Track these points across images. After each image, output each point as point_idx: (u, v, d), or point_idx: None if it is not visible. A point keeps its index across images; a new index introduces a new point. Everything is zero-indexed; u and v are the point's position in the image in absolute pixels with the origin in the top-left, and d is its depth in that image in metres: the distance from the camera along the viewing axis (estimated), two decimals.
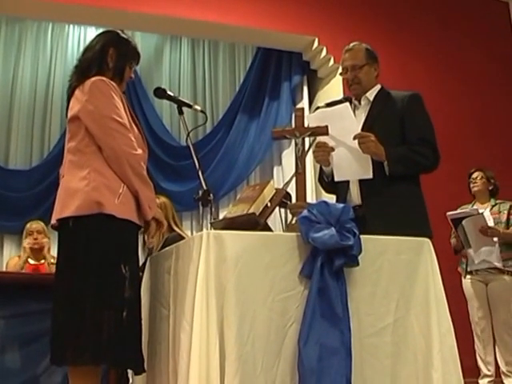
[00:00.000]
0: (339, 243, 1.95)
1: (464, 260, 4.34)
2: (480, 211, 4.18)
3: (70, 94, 2.29)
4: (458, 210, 4.20)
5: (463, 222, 4.07)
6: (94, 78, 2.22)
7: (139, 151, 2.22)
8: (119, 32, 2.41)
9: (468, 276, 4.31)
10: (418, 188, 2.69)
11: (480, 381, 4.16)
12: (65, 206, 2.14)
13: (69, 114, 2.26)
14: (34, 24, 5.55)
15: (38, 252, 4.33)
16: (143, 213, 2.21)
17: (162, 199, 3.73)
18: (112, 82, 2.24)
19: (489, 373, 4.15)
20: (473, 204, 4.40)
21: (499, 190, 4.42)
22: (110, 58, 2.31)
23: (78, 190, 2.12)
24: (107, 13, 4.86)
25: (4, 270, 4.45)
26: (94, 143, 2.18)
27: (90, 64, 2.28)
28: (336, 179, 2.66)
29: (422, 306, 2.13)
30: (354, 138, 2.51)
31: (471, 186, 4.45)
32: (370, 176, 2.54)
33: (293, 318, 1.95)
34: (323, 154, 2.62)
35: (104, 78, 2.23)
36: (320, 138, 2.57)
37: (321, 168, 2.84)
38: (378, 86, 2.78)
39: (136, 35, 5.78)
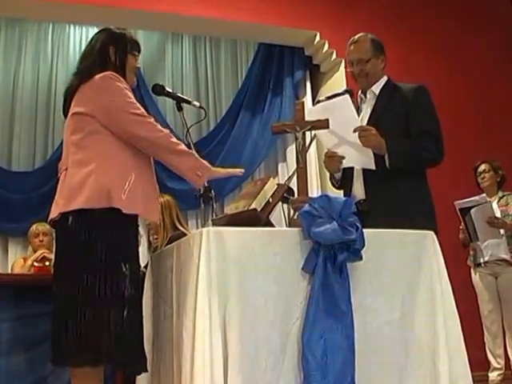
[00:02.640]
0: (341, 237, 1.94)
1: (472, 253, 4.30)
2: None
3: (73, 92, 2.25)
4: (467, 199, 4.12)
5: (471, 212, 4.01)
6: (101, 74, 2.20)
7: (165, 130, 2.25)
8: (112, 28, 2.40)
9: (477, 269, 4.28)
10: (423, 182, 2.67)
11: (490, 374, 4.14)
12: (70, 200, 2.10)
13: (75, 109, 2.22)
14: (34, 25, 5.52)
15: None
16: (193, 182, 2.24)
17: (166, 198, 3.75)
18: (119, 76, 2.23)
19: (498, 366, 4.13)
20: None
21: (506, 180, 4.37)
22: (113, 56, 2.30)
23: (85, 183, 2.09)
24: (108, 11, 4.84)
25: (9, 272, 4.44)
26: (106, 139, 2.17)
27: (93, 67, 2.25)
28: (342, 166, 2.67)
29: (427, 299, 2.11)
30: (355, 131, 2.50)
31: (480, 180, 4.37)
32: (373, 167, 2.52)
33: (297, 314, 1.93)
34: (333, 164, 2.65)
35: (112, 72, 2.22)
36: (325, 141, 2.56)
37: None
38: (385, 79, 2.75)
39: (138, 33, 5.76)
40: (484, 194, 4.15)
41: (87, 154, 2.15)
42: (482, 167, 4.37)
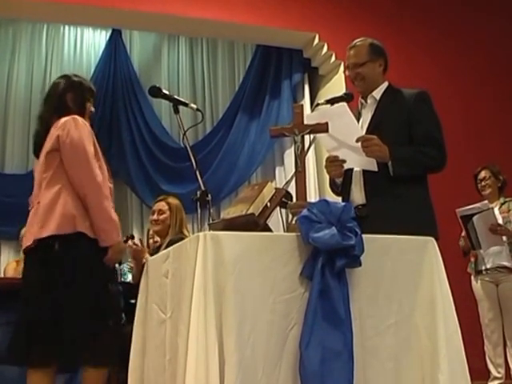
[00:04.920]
0: (340, 243, 1.90)
1: (473, 260, 4.26)
2: None
3: (43, 138, 2.51)
4: (468, 206, 4.06)
5: (474, 219, 3.96)
6: (66, 118, 2.46)
7: (106, 186, 2.44)
8: (70, 75, 2.69)
9: (478, 276, 4.23)
10: (424, 188, 2.65)
11: (490, 383, 4.09)
12: (44, 227, 2.33)
13: (46, 149, 2.47)
14: (28, 25, 5.51)
15: None
16: (101, 239, 2.42)
17: (176, 201, 3.78)
18: (83, 120, 2.48)
19: (499, 375, 4.08)
20: None
21: (507, 184, 4.32)
22: (71, 102, 2.57)
23: (55, 212, 2.35)
24: (103, 12, 4.84)
25: (2, 275, 4.41)
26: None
27: (51, 114, 2.55)
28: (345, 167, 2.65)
29: (427, 306, 2.07)
30: (357, 141, 2.48)
31: (480, 188, 4.30)
32: (376, 169, 2.50)
33: (294, 320, 1.90)
34: (335, 168, 2.63)
35: (76, 117, 2.45)
36: (325, 145, 2.53)
37: (332, 178, 2.81)
38: (386, 84, 2.73)
39: (134, 35, 5.75)
40: (486, 201, 4.09)
41: (56, 186, 2.41)
42: (483, 174, 4.30)
